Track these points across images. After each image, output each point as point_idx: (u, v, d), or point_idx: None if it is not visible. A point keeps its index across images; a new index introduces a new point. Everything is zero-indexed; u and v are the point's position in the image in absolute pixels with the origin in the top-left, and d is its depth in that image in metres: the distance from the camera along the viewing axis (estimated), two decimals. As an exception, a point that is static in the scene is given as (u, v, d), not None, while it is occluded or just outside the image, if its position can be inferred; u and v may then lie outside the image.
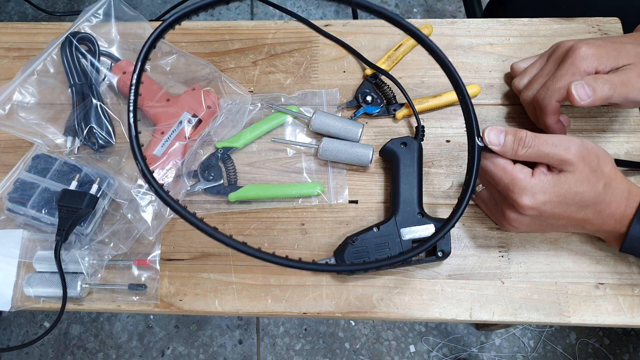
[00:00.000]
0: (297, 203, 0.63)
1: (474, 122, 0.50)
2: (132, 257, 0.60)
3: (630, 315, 0.56)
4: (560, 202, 0.50)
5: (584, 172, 0.49)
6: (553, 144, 0.48)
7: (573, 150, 0.48)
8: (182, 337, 1.41)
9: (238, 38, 0.71)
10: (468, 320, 0.57)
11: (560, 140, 0.49)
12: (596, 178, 0.49)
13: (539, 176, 0.49)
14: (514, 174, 0.50)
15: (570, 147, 0.48)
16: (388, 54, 0.68)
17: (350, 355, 1.37)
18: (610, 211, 0.51)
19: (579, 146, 0.49)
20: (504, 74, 0.68)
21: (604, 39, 0.58)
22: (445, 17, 1.70)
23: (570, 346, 1.37)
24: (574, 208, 0.50)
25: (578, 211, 0.51)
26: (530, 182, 0.49)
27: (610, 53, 0.55)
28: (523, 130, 0.49)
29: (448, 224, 0.51)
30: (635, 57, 0.55)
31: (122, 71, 0.66)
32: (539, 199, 0.49)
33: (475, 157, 0.50)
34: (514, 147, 0.49)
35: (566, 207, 0.50)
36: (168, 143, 0.62)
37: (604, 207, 0.51)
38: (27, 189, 0.59)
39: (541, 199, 0.49)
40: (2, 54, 0.71)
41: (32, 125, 0.64)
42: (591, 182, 0.49)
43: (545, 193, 0.49)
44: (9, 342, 1.42)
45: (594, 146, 0.50)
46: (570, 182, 0.49)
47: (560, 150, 0.48)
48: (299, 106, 0.67)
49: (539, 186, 0.49)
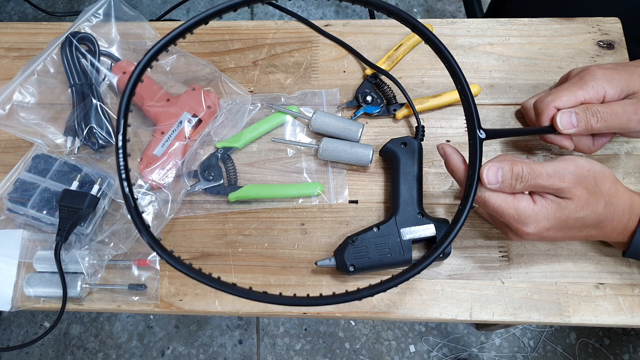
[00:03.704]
0: (297, 203, 0.63)
1: (475, 113, 0.49)
2: (132, 257, 0.60)
3: (630, 315, 0.56)
4: (562, 227, 0.50)
5: (582, 198, 0.48)
6: (548, 174, 0.48)
7: (568, 178, 0.48)
8: (182, 337, 1.41)
9: (238, 38, 0.71)
10: (468, 320, 0.57)
11: (555, 169, 0.48)
12: (595, 200, 0.49)
13: (540, 203, 0.49)
14: (516, 204, 0.49)
15: (564, 176, 0.48)
16: (388, 54, 0.68)
17: (350, 355, 1.37)
18: (613, 226, 0.51)
19: (574, 173, 0.48)
20: (505, 75, 0.68)
21: (619, 63, 0.56)
22: (445, 17, 1.70)
23: (570, 346, 1.36)
24: (576, 230, 0.51)
25: (580, 231, 0.51)
26: (534, 210, 0.49)
27: (623, 76, 0.53)
28: (518, 162, 0.48)
29: (455, 225, 0.49)
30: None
31: (122, 71, 0.66)
32: (542, 225, 0.49)
33: (477, 149, 0.50)
34: (511, 184, 0.48)
35: (568, 230, 0.51)
36: (168, 143, 0.62)
37: (606, 224, 0.51)
38: (27, 189, 0.59)
39: (544, 225, 0.49)
40: (2, 54, 0.71)
41: (32, 125, 0.64)
42: (591, 205, 0.49)
43: (548, 219, 0.49)
44: (9, 342, 1.42)
45: (590, 167, 0.49)
46: (571, 208, 0.48)
47: (556, 181, 0.48)
48: (299, 106, 0.67)
49: (542, 213, 0.49)
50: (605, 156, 0.63)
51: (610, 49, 0.68)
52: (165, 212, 0.60)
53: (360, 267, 0.56)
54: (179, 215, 0.62)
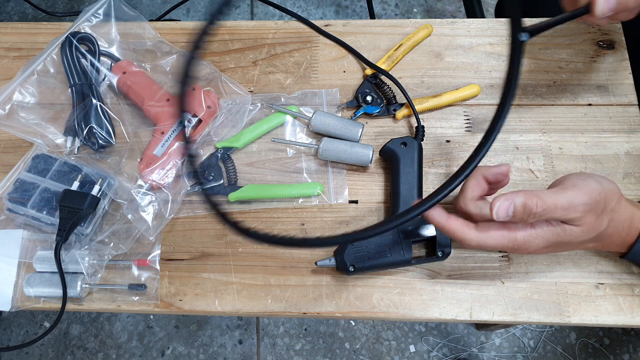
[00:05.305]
0: (297, 203, 0.63)
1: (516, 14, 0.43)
2: (132, 257, 0.60)
3: (630, 315, 0.56)
4: (561, 247, 0.49)
5: (590, 223, 0.47)
6: (562, 208, 0.45)
7: (581, 208, 0.45)
8: (182, 337, 1.41)
9: (238, 38, 0.71)
10: (468, 320, 0.57)
11: (570, 202, 0.45)
12: (600, 222, 0.47)
13: (541, 227, 0.47)
14: (514, 236, 0.47)
15: (577, 206, 0.45)
16: (388, 54, 0.68)
17: (350, 355, 1.37)
18: (612, 240, 0.51)
19: (587, 203, 0.45)
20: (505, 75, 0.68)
21: None
22: (445, 17, 1.70)
23: (570, 346, 1.36)
24: (574, 246, 0.50)
25: (577, 246, 0.50)
26: (532, 235, 0.47)
27: None
28: (532, 196, 0.45)
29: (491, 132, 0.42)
30: None
31: (122, 71, 0.66)
32: (540, 244, 0.47)
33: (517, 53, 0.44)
34: (522, 218, 0.45)
35: (565, 247, 0.50)
36: (168, 143, 0.62)
37: (605, 239, 0.50)
38: (27, 189, 0.59)
39: (541, 245, 0.47)
40: (2, 54, 0.71)
41: (32, 125, 0.64)
42: (595, 228, 0.47)
43: (547, 241, 0.47)
44: (9, 342, 1.42)
45: (601, 189, 0.47)
46: (576, 233, 0.47)
47: (569, 213, 0.45)
48: (299, 106, 0.67)
49: (541, 236, 0.47)
50: (605, 156, 0.63)
51: (610, 49, 0.68)
52: (165, 212, 0.60)
53: (360, 267, 0.56)
54: (179, 215, 0.62)
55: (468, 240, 0.47)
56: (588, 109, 0.66)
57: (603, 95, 0.66)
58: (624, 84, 0.67)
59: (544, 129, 0.65)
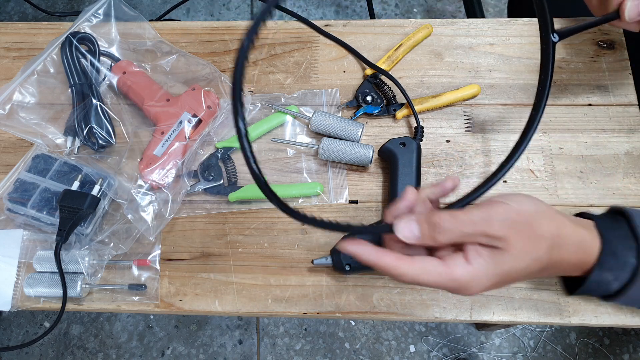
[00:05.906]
0: (297, 203, 0.63)
1: (548, 15, 0.43)
2: (132, 257, 0.60)
3: (630, 315, 0.56)
4: (506, 280, 0.43)
5: (518, 245, 0.41)
6: (472, 221, 0.41)
7: (497, 223, 0.41)
8: (182, 337, 1.41)
9: (238, 38, 0.71)
10: (468, 320, 0.57)
11: (481, 214, 0.41)
12: (534, 246, 0.42)
13: (476, 262, 0.41)
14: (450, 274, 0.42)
15: (492, 220, 0.41)
16: (388, 54, 0.68)
17: (350, 355, 1.37)
18: (562, 268, 0.46)
19: (503, 220, 0.41)
20: (505, 75, 0.68)
21: None
22: (445, 17, 1.70)
23: (570, 346, 1.36)
24: (523, 277, 0.44)
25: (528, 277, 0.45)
26: (471, 273, 0.41)
27: None
28: (437, 212, 0.42)
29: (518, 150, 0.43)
30: None
31: (122, 71, 0.66)
32: (484, 284, 0.42)
33: (550, 54, 0.44)
34: (431, 236, 0.41)
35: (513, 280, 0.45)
36: (168, 143, 0.62)
37: (553, 267, 0.45)
38: (27, 189, 0.59)
39: (486, 284, 0.42)
40: (2, 54, 0.71)
41: (32, 125, 0.64)
42: (531, 254, 0.42)
43: (489, 278, 0.42)
44: (9, 342, 1.42)
45: (520, 209, 0.42)
46: (509, 261, 0.42)
47: (483, 227, 0.41)
48: (299, 106, 0.67)
49: (481, 273, 0.42)
50: (605, 156, 0.63)
51: (610, 49, 0.68)
52: (165, 212, 0.60)
53: (356, 266, 0.56)
54: (179, 215, 0.62)
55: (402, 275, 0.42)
56: (588, 109, 0.66)
57: (603, 95, 0.66)
58: (624, 84, 0.67)
59: (544, 129, 0.65)
